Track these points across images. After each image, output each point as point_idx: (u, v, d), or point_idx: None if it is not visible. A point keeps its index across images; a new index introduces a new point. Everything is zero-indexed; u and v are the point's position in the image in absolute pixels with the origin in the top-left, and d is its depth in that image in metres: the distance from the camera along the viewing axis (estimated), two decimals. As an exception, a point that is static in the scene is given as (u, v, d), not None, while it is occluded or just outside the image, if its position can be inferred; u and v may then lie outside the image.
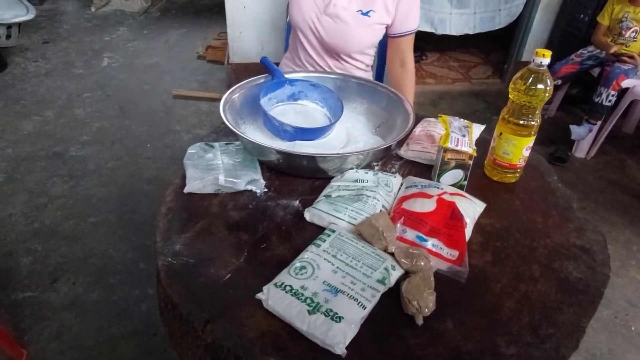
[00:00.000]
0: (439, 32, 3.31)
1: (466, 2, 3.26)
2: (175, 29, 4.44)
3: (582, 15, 3.08)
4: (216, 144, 1.14)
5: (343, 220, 0.88)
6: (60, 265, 1.82)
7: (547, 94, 0.97)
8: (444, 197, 0.91)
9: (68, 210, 2.10)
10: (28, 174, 2.32)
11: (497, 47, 4.14)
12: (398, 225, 0.86)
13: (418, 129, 1.20)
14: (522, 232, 0.94)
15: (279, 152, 0.96)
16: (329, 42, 1.46)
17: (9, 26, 3.80)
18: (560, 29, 3.29)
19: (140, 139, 2.66)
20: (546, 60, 0.95)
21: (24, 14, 3.91)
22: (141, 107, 3.01)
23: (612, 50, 2.59)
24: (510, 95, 1.01)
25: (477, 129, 1.23)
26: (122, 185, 2.27)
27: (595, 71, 2.74)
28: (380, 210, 0.90)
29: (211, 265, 0.82)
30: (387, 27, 1.48)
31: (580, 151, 2.73)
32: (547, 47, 3.41)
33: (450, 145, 0.96)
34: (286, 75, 1.26)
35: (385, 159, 1.14)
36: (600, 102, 2.53)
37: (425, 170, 1.11)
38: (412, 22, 1.47)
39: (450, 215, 0.87)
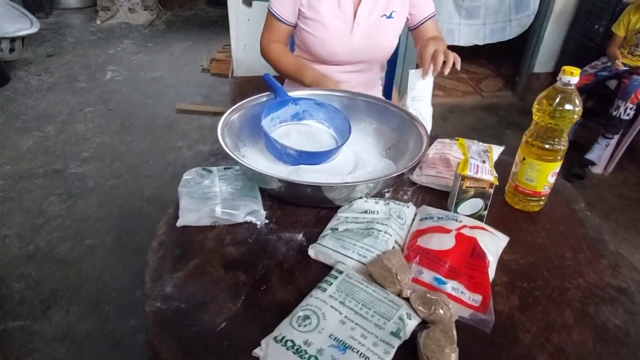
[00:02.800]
0: (448, 43, 3.22)
1: (475, 13, 3.19)
2: (180, 42, 4.41)
3: (596, 26, 2.99)
4: (214, 169, 1.06)
5: (351, 258, 0.79)
6: (54, 291, 1.74)
7: (575, 116, 0.88)
8: (464, 231, 0.81)
9: (64, 231, 2.02)
10: (25, 193, 2.26)
11: (508, 59, 4.06)
12: (413, 265, 0.77)
13: (432, 152, 1.11)
14: (550, 270, 0.84)
15: (280, 180, 0.87)
16: (358, 58, 1.42)
17: (13, 39, 3.79)
18: (573, 40, 3.20)
19: (141, 156, 2.59)
20: (574, 79, 0.86)
21: (28, 28, 3.90)
22: (143, 122, 2.95)
23: (617, 62, 2.51)
24: (534, 117, 0.92)
25: (496, 151, 1.14)
26: (121, 205, 2.19)
27: (613, 84, 2.65)
28: (393, 247, 0.81)
29: (205, 311, 0.73)
30: (406, 21, 1.44)
31: (598, 167, 2.62)
32: (560, 58, 3.32)
33: (469, 172, 0.87)
34: (290, 94, 1.18)
35: (396, 184, 1.05)
36: (618, 115, 2.43)
37: (440, 197, 1.02)
38: (429, 5, 1.42)
39: (471, 253, 0.78)
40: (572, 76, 0.85)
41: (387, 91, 1.75)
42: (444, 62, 1.18)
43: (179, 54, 4.12)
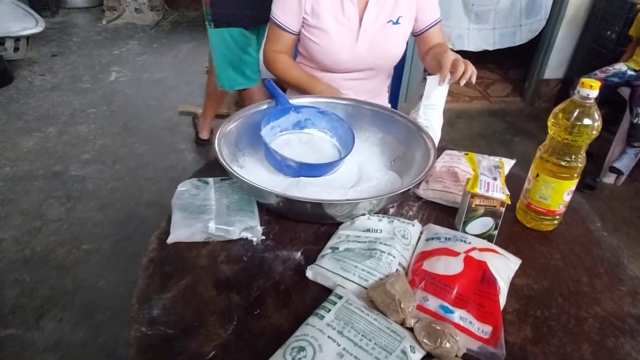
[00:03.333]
0: (457, 48, 3.18)
1: (485, 18, 3.13)
2: (186, 43, 4.38)
3: (608, 32, 2.92)
4: (210, 180, 1.01)
5: (352, 281, 0.74)
6: (48, 299, 1.69)
7: (594, 132, 0.82)
8: (473, 254, 0.76)
9: (62, 235, 1.98)
10: (24, 195, 2.22)
11: (517, 64, 3.99)
12: (418, 291, 0.72)
13: (439, 165, 1.06)
14: (565, 296, 0.79)
15: (277, 195, 0.82)
16: (364, 65, 1.37)
17: (17, 39, 3.77)
18: (585, 46, 3.13)
19: (142, 158, 2.55)
20: (594, 93, 0.80)
21: (32, 27, 3.87)
22: (146, 124, 2.92)
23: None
24: (549, 131, 0.87)
25: (507, 164, 1.09)
26: (120, 209, 2.15)
27: (625, 92, 2.57)
28: (397, 270, 0.76)
29: (193, 338, 0.68)
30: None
31: (610, 177, 2.55)
32: (571, 64, 3.25)
33: (479, 190, 0.82)
34: (292, 101, 1.13)
35: (401, 199, 1.00)
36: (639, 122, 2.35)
37: (447, 213, 0.97)
38: (435, 11, 1.37)
39: (481, 279, 0.72)
40: (591, 89, 0.79)
41: (394, 98, 1.70)
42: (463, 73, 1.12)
43: (184, 55, 4.09)
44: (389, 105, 1.57)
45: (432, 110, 1.14)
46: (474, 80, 1.14)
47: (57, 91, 3.31)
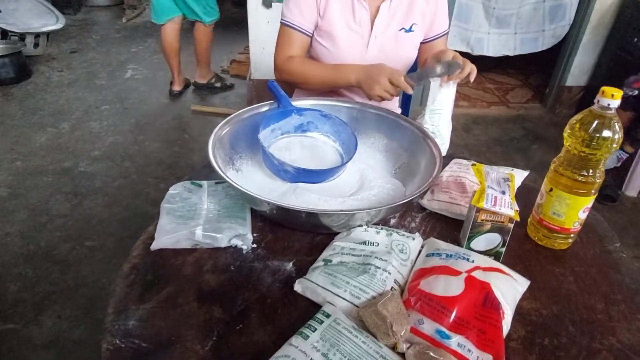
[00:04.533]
0: (476, 52, 3.09)
1: (506, 22, 3.04)
2: (202, 42, 4.37)
3: (635, 39, 2.80)
4: (204, 183, 0.97)
5: (342, 298, 0.69)
6: (49, 294, 1.68)
7: (615, 145, 0.75)
8: (476, 274, 0.70)
9: (67, 231, 1.98)
10: (33, 190, 2.22)
11: (538, 69, 3.88)
12: (413, 312, 0.66)
13: (446, 174, 1.00)
14: (577, 324, 0.72)
15: (269, 203, 0.77)
16: None
17: (37, 35, 3.83)
18: (610, 53, 3.01)
19: (151, 156, 2.54)
20: (615, 102, 0.73)
21: (53, 23, 3.93)
22: (158, 122, 2.91)
23: None
24: (565, 143, 0.80)
25: (519, 175, 1.02)
26: (126, 207, 2.14)
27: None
28: (392, 289, 0.70)
29: (168, 354, 0.64)
30: None
31: (633, 189, 2.43)
32: (595, 72, 3.13)
33: (486, 205, 0.76)
34: (294, 103, 1.08)
35: (403, 210, 0.94)
36: None
37: (452, 226, 0.91)
38: (445, 22, 1.31)
39: (483, 302, 0.66)
40: (612, 99, 0.72)
41: (405, 102, 1.63)
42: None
43: (200, 54, 4.08)
44: (399, 110, 1.52)
45: (438, 115, 1.08)
46: (472, 78, 1.07)
47: (73, 87, 3.33)
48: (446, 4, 1.29)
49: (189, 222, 0.83)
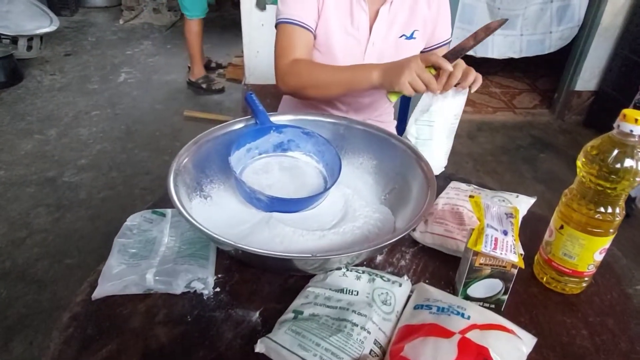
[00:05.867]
0: (480, 54, 2.97)
1: (512, 23, 2.91)
2: (200, 44, 4.27)
3: (648, 42, 2.67)
4: (168, 213, 0.86)
5: (312, 364, 0.57)
6: (22, 318, 1.58)
7: (638, 178, 0.63)
8: (471, 336, 0.58)
9: (46, 248, 1.88)
10: (14, 201, 2.13)
11: (546, 73, 3.74)
12: (394, 387, 0.54)
13: (441, 201, 0.88)
14: (594, 394, 0.60)
15: (228, 245, 0.66)
16: None
17: (30, 37, 3.74)
18: (621, 56, 2.87)
19: (140, 166, 2.44)
20: (639, 129, 0.61)
21: (46, 26, 3.84)
22: (149, 129, 2.81)
23: None
24: (578, 172, 0.68)
25: (525, 203, 0.90)
26: (110, 221, 2.03)
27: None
28: (371, 353, 0.59)
29: None
30: None
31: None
32: (605, 76, 3.00)
33: (484, 249, 0.64)
34: (273, 119, 0.97)
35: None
36: None
37: (447, 265, 0.79)
38: (448, 30, 1.20)
39: (479, 373, 0.55)
40: (636, 124, 0.61)
41: (402, 114, 1.52)
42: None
43: (196, 57, 3.98)
44: (395, 123, 1.41)
45: (427, 127, 0.96)
46: (474, 89, 0.94)
47: (64, 92, 3.24)
48: (449, 11, 1.18)
49: (142, 262, 0.72)
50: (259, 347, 0.61)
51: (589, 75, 3.02)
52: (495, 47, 3.00)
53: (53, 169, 2.38)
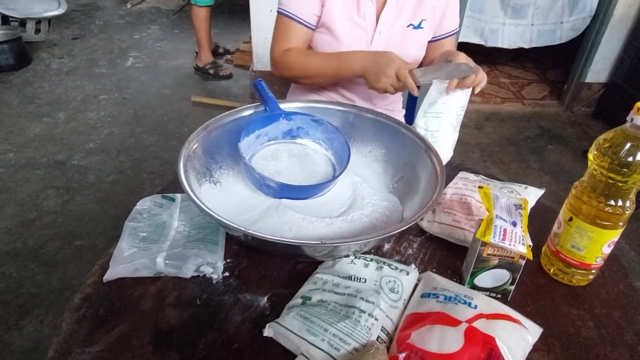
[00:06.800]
0: (489, 44, 2.94)
1: (523, 12, 2.87)
2: (207, 29, 4.25)
3: (662, 33, 2.62)
4: (178, 197, 0.87)
5: (320, 349, 0.58)
6: (33, 297, 1.61)
7: (650, 171, 0.63)
8: (478, 324, 0.59)
9: (56, 229, 1.90)
10: (24, 184, 2.15)
11: (556, 64, 3.70)
12: (401, 372, 0.55)
13: (450, 191, 0.89)
14: (598, 384, 0.61)
15: (238, 231, 0.67)
16: None
17: (39, 20, 3.74)
18: (633, 48, 2.83)
19: (148, 150, 2.45)
20: (653, 121, 0.61)
21: (54, 9, 3.83)
22: (156, 114, 2.81)
23: None
24: (589, 166, 0.68)
25: (534, 194, 0.90)
26: (118, 204, 2.05)
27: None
28: (378, 339, 0.60)
29: (110, 413, 0.54)
30: None
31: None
32: (617, 68, 2.96)
33: (493, 239, 0.64)
34: (282, 106, 0.97)
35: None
36: None
37: (454, 254, 0.80)
38: (455, 20, 1.18)
39: (485, 361, 0.55)
40: (650, 117, 0.60)
41: (411, 104, 1.51)
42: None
43: (204, 42, 3.96)
44: (403, 112, 1.40)
45: (435, 119, 0.96)
46: (478, 89, 0.95)
47: (72, 75, 3.24)
48: (458, 2, 1.17)
49: (152, 246, 0.73)
50: (268, 332, 0.63)
51: (600, 67, 2.99)
52: (506, 37, 2.96)
53: (62, 152, 2.39)
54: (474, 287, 0.71)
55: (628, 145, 0.62)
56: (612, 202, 0.66)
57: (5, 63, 3.19)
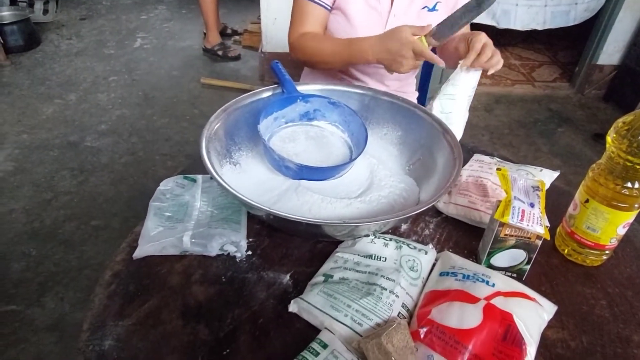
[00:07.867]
0: (502, 25, 2.90)
1: (537, -7, 2.83)
2: (215, 10, 4.22)
3: (679, 14, 2.58)
4: (199, 178, 0.89)
5: (343, 324, 0.61)
6: (53, 275, 1.65)
7: (668, 154, 0.64)
8: (496, 302, 0.61)
9: (72, 209, 1.94)
10: (38, 165, 2.18)
11: (568, 45, 3.65)
12: (422, 346, 0.58)
13: (465, 173, 0.90)
14: (610, 359, 0.63)
15: (260, 210, 0.69)
16: None
17: (47, 1, 3.73)
18: (648, 29, 2.79)
19: (159, 132, 2.47)
20: (673, 104, 0.62)
21: (62, -11, 3.81)
22: (166, 95, 2.82)
23: None
24: (607, 148, 0.69)
25: (549, 177, 0.91)
26: (132, 185, 2.08)
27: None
28: (399, 315, 0.62)
29: (145, 382, 0.57)
30: None
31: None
32: (630, 50, 2.92)
33: (511, 220, 0.66)
34: (300, 88, 0.98)
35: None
36: None
37: (470, 234, 0.82)
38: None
39: (503, 336, 0.58)
40: (671, 100, 0.61)
41: (423, 82, 1.51)
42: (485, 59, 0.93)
43: (212, 23, 3.94)
44: (416, 94, 1.40)
45: (451, 100, 0.97)
46: (492, 71, 0.95)
47: (81, 56, 3.25)
48: None
49: (178, 225, 0.75)
50: (292, 307, 0.65)
51: (612, 49, 2.95)
52: (518, 18, 2.91)
53: (75, 133, 2.42)
54: (490, 266, 0.73)
55: (647, 128, 0.63)
56: (629, 185, 0.67)
57: (14, 44, 3.20)
